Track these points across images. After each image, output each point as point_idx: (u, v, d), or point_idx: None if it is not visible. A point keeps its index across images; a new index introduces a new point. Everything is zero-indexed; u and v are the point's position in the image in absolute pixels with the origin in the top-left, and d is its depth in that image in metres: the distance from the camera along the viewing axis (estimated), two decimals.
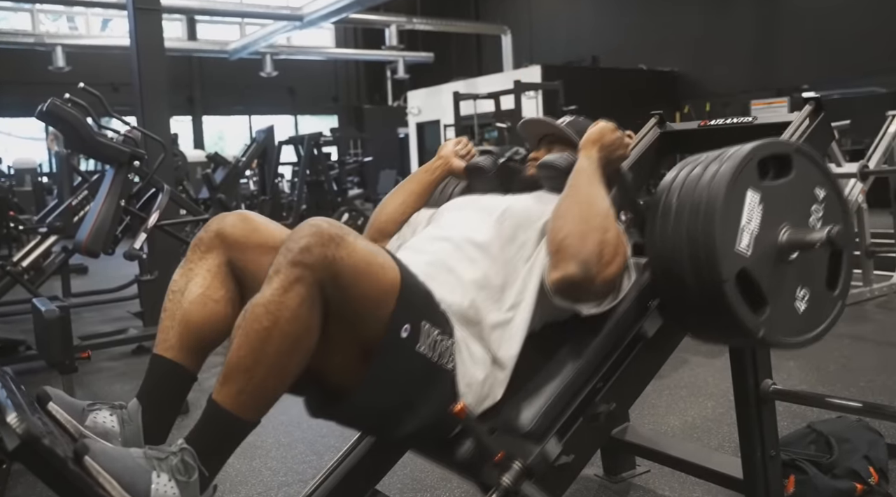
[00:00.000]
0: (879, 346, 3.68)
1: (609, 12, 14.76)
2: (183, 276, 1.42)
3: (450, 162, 1.88)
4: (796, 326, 1.40)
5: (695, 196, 1.34)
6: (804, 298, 1.40)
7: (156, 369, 1.39)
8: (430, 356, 1.31)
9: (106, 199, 3.71)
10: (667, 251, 1.38)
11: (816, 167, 1.44)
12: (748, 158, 1.34)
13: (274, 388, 1.20)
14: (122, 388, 3.51)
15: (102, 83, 10.05)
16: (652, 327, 1.47)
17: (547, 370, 1.43)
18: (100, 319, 5.13)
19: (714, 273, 1.29)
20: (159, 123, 4.57)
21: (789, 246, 1.36)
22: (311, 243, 1.16)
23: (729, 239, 1.30)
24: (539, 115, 1.88)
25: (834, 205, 1.45)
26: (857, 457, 2.11)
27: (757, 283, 1.33)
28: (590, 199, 1.43)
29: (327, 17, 12.35)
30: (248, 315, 1.17)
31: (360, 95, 19.95)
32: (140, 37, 4.68)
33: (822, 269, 1.44)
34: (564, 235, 1.38)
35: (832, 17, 11.11)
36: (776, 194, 1.37)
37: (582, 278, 1.35)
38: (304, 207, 8.85)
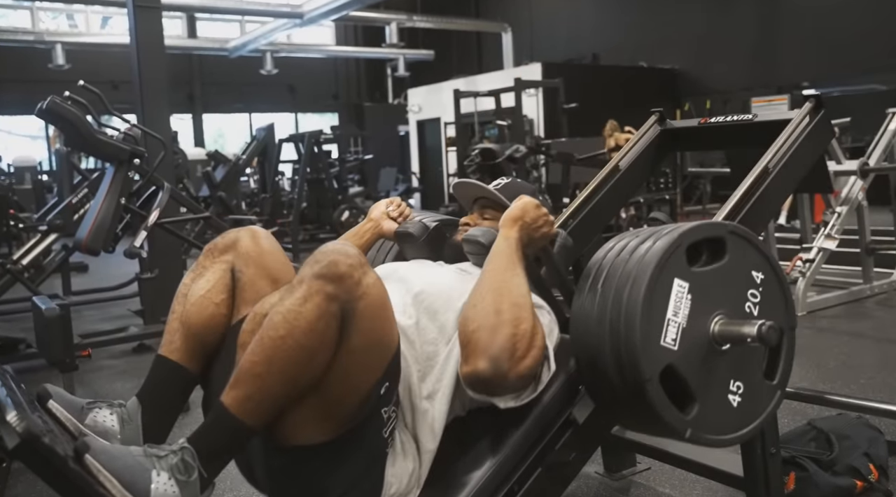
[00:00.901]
0: (879, 344, 3.68)
1: (609, 10, 14.75)
2: (191, 279, 1.45)
3: (380, 225, 1.84)
4: (728, 422, 1.31)
5: (619, 282, 1.26)
6: (738, 391, 1.31)
7: (158, 370, 1.40)
8: (384, 428, 1.27)
9: (106, 197, 3.70)
10: (590, 341, 1.30)
11: (754, 248, 1.36)
12: (675, 245, 1.26)
13: (281, 397, 1.19)
14: (122, 387, 3.51)
15: (102, 81, 10.03)
16: (582, 413, 1.39)
17: (468, 463, 1.35)
18: (100, 317, 5.13)
19: (636, 372, 1.21)
20: (159, 121, 4.57)
21: (721, 338, 1.28)
22: (339, 260, 1.16)
23: (653, 333, 1.22)
24: (471, 180, 1.80)
25: (774, 288, 1.37)
26: (858, 454, 2.11)
27: (684, 379, 1.25)
28: (503, 287, 1.33)
29: (327, 14, 12.33)
30: (266, 322, 1.18)
31: (360, 93, 19.94)
32: (140, 34, 4.67)
33: (759, 358, 1.36)
34: (474, 328, 1.29)
35: (833, 15, 11.09)
36: (708, 281, 1.29)
37: (492, 375, 1.26)
38: (305, 205, 8.85)
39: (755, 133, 1.99)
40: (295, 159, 10.04)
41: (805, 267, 4.42)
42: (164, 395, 1.40)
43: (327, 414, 1.22)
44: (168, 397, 1.41)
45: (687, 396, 1.26)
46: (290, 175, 11.75)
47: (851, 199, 4.47)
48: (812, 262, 4.43)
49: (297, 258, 7.98)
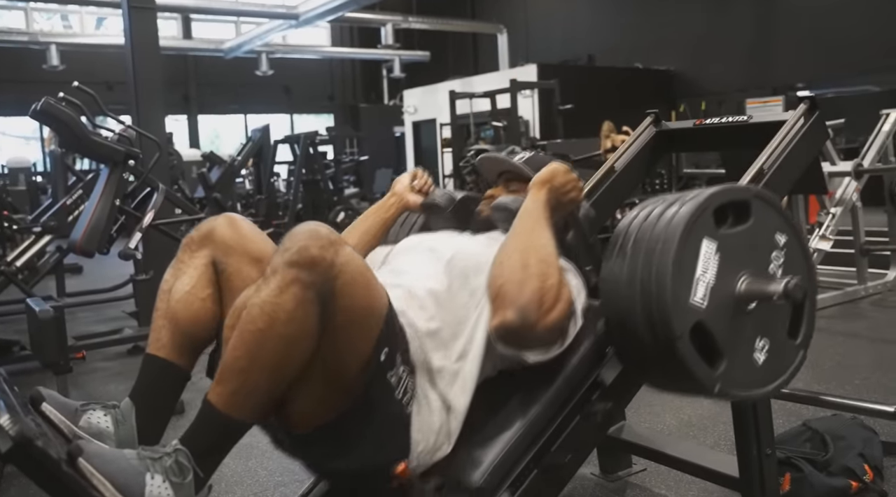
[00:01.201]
0: (873, 344, 3.69)
1: (605, 11, 14.77)
2: (173, 275, 1.43)
3: (404, 198, 1.83)
4: (755, 379, 1.35)
5: (648, 245, 1.30)
6: (763, 349, 1.35)
7: (149, 369, 1.39)
8: (396, 391, 1.28)
9: (101, 198, 3.69)
10: (620, 302, 1.33)
11: (776, 212, 1.40)
12: (703, 207, 1.30)
13: (269, 390, 1.19)
14: (116, 389, 3.50)
15: (97, 82, 10.00)
16: (610, 375, 1.42)
17: (499, 421, 1.38)
18: (95, 319, 5.12)
19: (667, 329, 1.24)
20: (154, 122, 4.56)
21: (747, 296, 1.32)
22: (309, 245, 1.15)
23: (683, 292, 1.26)
24: (496, 154, 1.82)
25: (795, 251, 1.41)
26: (853, 454, 2.11)
27: (712, 336, 1.28)
28: (531, 244, 1.37)
29: (323, 15, 12.35)
30: (244, 315, 1.17)
31: (356, 94, 19.93)
32: (135, 35, 4.66)
33: (783, 317, 1.40)
34: (503, 282, 1.33)
35: (827, 17, 11.13)
36: (734, 242, 1.33)
37: (520, 325, 1.29)
38: (300, 207, 8.83)
39: (750, 134, 1.99)
40: (290, 160, 10.02)
41: None
42: (156, 394, 1.39)
43: (330, 392, 1.23)
44: (161, 396, 1.40)
45: (715, 353, 1.29)
46: (285, 176, 11.73)
47: (846, 200, 4.48)
48: None
49: None
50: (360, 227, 1.81)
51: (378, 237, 1.80)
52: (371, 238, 1.78)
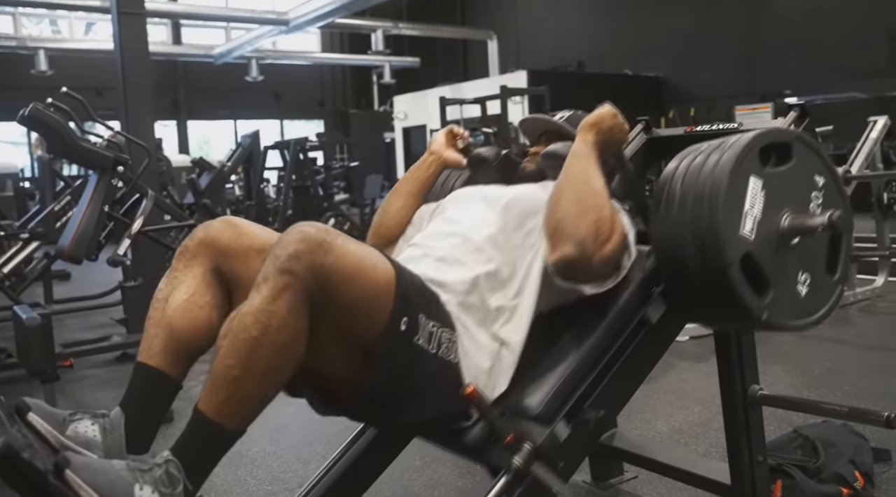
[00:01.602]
0: (862, 350, 3.71)
1: (594, 18, 14.83)
2: (168, 284, 1.41)
3: (442, 156, 1.86)
4: (798, 310, 1.43)
5: (698, 183, 1.37)
6: (805, 283, 1.43)
7: (139, 377, 1.38)
8: (429, 348, 1.32)
9: (89, 204, 3.67)
10: (671, 237, 1.40)
11: (816, 155, 1.47)
12: (750, 146, 1.37)
13: (261, 397, 1.19)
14: (105, 396, 3.47)
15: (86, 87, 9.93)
16: (655, 313, 1.48)
17: (554, 354, 1.45)
18: (83, 326, 5.08)
19: (719, 257, 1.31)
20: (144, 128, 4.53)
21: (791, 231, 1.39)
22: (299, 250, 1.15)
23: (733, 223, 1.33)
24: (538, 114, 1.90)
25: (833, 192, 1.47)
26: (843, 461, 2.12)
27: (760, 266, 1.35)
28: (584, 180, 1.44)
29: (313, 21, 12.33)
30: (236, 324, 1.16)
31: (346, 100, 19.92)
32: (124, 41, 4.64)
33: (822, 254, 1.47)
34: (560, 217, 1.39)
35: (815, 25, 11.21)
36: (777, 181, 1.40)
37: (579, 258, 1.36)
38: (290, 213, 8.81)
39: None
40: (280, 166, 10.00)
41: None
42: (146, 404, 1.37)
43: (359, 368, 1.26)
44: (151, 405, 1.38)
45: (762, 283, 1.35)
46: (275, 182, 11.70)
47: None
48: None
49: None
50: (402, 189, 1.86)
51: (420, 196, 1.85)
52: (414, 198, 1.84)
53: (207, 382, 1.18)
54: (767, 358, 3.35)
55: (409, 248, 1.62)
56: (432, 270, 1.45)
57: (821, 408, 1.85)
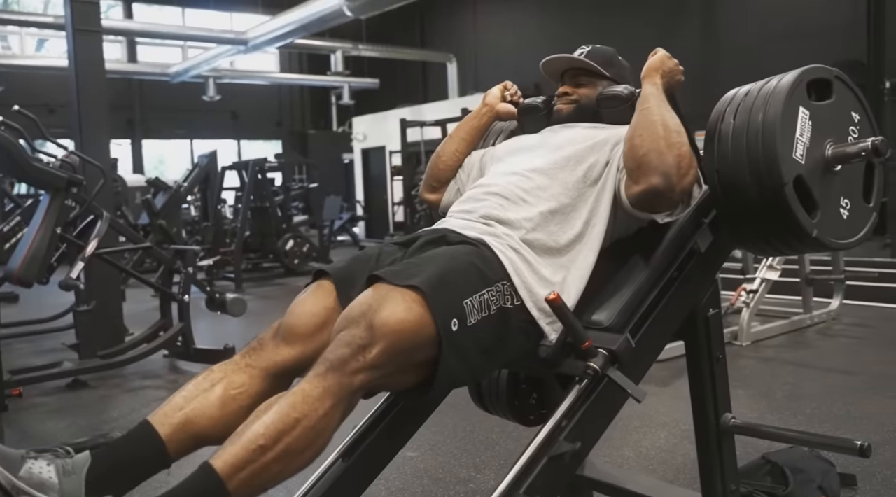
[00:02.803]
0: (822, 373, 3.75)
1: (553, 41, 14.90)
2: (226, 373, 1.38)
3: (495, 108, 1.96)
4: (842, 231, 1.52)
5: (752, 116, 1.45)
6: (847, 207, 1.53)
7: (137, 434, 1.30)
8: (486, 314, 1.36)
9: (41, 225, 3.57)
10: (727, 164, 1.47)
11: (852, 93, 1.58)
12: (799, 80, 1.47)
13: (275, 474, 1.16)
14: (55, 426, 3.33)
15: (37, 104, 9.73)
16: (704, 242, 1.58)
17: (617, 278, 1.54)
18: (32, 351, 4.90)
19: (775, 177, 1.40)
20: (99, 147, 4.42)
21: (834, 158, 1.48)
22: (346, 356, 1.20)
23: (787, 147, 1.42)
24: (558, 54, 1.99)
25: (867, 127, 1.58)
26: (812, 487, 2.11)
27: (809, 189, 1.44)
28: (663, 119, 1.51)
29: (272, 41, 12.26)
30: (283, 401, 1.18)
31: (304, 120, 19.83)
32: (80, 59, 4.53)
33: (859, 182, 1.57)
34: (646, 151, 1.47)
35: (767, 54, 11.53)
36: (821, 113, 1.49)
37: (665, 188, 1.45)
38: (248, 234, 8.69)
39: None
40: (237, 187, 9.88)
41: (749, 297, 4.51)
42: (126, 460, 1.27)
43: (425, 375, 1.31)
44: (131, 465, 1.27)
45: (811, 204, 1.45)
46: (231, 203, 11.54)
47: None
48: (755, 292, 4.53)
49: (240, 288, 7.81)
50: (457, 135, 1.96)
51: (473, 143, 1.95)
52: (467, 144, 1.94)
53: (230, 442, 1.14)
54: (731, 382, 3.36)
55: (474, 188, 1.68)
56: (496, 209, 1.54)
57: (794, 438, 1.85)
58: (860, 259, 7.10)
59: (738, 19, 12.33)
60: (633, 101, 1.67)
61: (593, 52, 1.93)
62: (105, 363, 4.04)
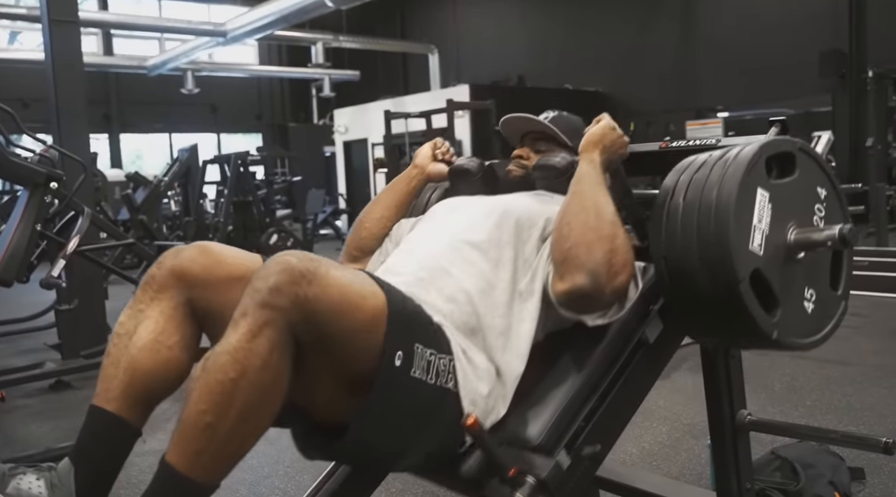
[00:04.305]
0: (819, 364, 3.73)
1: (534, 33, 14.96)
2: (131, 319, 1.27)
3: (426, 169, 1.80)
4: (806, 327, 1.38)
5: (703, 196, 1.30)
6: (812, 299, 1.38)
7: (95, 424, 1.23)
8: (427, 379, 1.20)
9: (20, 222, 3.44)
10: (676, 252, 1.33)
11: (818, 166, 1.43)
12: (758, 156, 1.31)
13: (238, 448, 1.06)
14: (39, 429, 3.22)
15: (11, 99, 9.48)
16: (653, 333, 1.42)
17: (552, 379, 1.37)
18: (11, 351, 4.77)
19: (729, 273, 1.25)
20: (78, 141, 4.30)
21: (797, 245, 1.34)
22: (280, 282, 1.03)
23: (743, 238, 1.27)
24: (522, 113, 1.77)
25: (835, 204, 1.44)
26: (823, 483, 2.08)
27: (769, 283, 1.30)
28: (596, 206, 1.34)
29: (252, 33, 12.08)
30: (210, 364, 1.03)
31: (284, 113, 19.63)
32: (56, 50, 4.39)
33: (825, 268, 1.43)
34: (571, 245, 1.30)
35: (745, 44, 11.57)
36: (782, 193, 1.35)
37: (591, 290, 1.28)
38: (231, 228, 8.56)
39: None
40: (218, 181, 9.73)
41: None
42: (101, 453, 1.23)
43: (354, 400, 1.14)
44: (106, 455, 1.24)
45: (771, 300, 1.30)
46: (212, 197, 11.38)
47: None
48: None
49: None
50: (383, 199, 1.77)
51: (402, 209, 1.77)
52: (395, 210, 1.76)
53: (176, 431, 1.04)
54: None
55: (394, 258, 1.51)
56: (419, 287, 1.33)
57: (814, 435, 1.81)
58: None
59: (717, 11, 12.33)
60: (570, 174, 1.46)
61: (559, 118, 1.75)
62: (89, 363, 3.92)
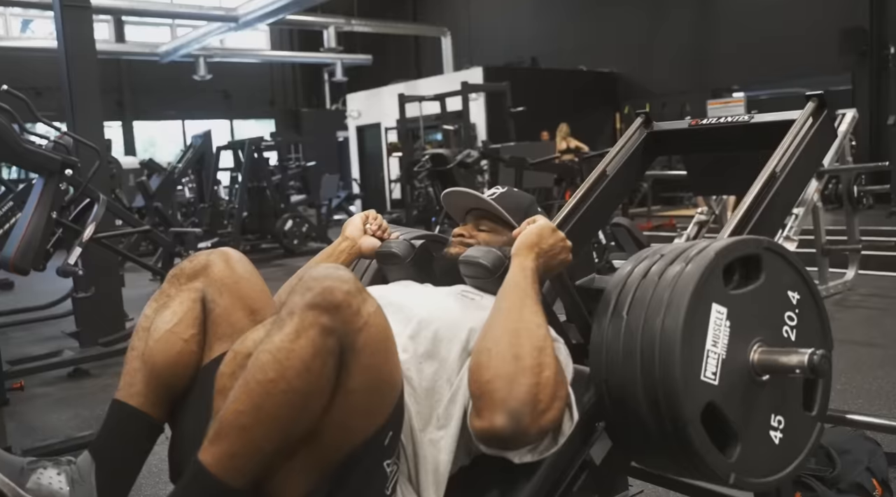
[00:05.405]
0: (845, 345, 3.65)
1: (548, 14, 14.80)
2: (154, 310, 1.26)
3: (357, 244, 1.63)
4: (772, 461, 1.19)
5: (649, 311, 1.13)
6: (780, 427, 1.19)
7: (116, 418, 1.20)
8: (387, 483, 1.09)
9: (35, 211, 3.42)
10: (616, 375, 1.16)
11: (789, 266, 1.25)
12: (713, 265, 1.14)
13: (270, 454, 1.00)
14: (58, 418, 3.21)
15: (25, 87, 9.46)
16: (600, 453, 1.24)
17: None
18: (30, 340, 4.77)
19: (675, 411, 1.08)
20: (92, 128, 4.26)
21: (762, 368, 1.16)
22: (334, 287, 0.99)
23: (693, 368, 1.09)
24: (465, 189, 1.61)
25: (810, 310, 1.26)
26: (860, 469, 2.02)
27: (725, 417, 1.13)
28: (521, 328, 1.14)
29: (264, 17, 12.02)
30: (252, 362, 0.99)
31: (297, 99, 19.58)
32: (68, 36, 4.35)
33: (797, 387, 1.24)
34: (489, 378, 1.10)
35: (760, 23, 11.40)
36: (745, 304, 1.17)
37: (512, 431, 1.08)
38: (246, 214, 8.54)
39: (750, 136, 1.89)
40: (231, 168, 9.70)
41: None
42: (122, 449, 1.20)
43: (319, 466, 1.04)
44: (128, 451, 1.21)
45: (728, 436, 1.14)
46: (226, 183, 11.36)
47: (807, 201, 4.46)
48: None
49: None
50: None
51: None
52: None
53: (212, 429, 1.00)
54: None
55: None
56: None
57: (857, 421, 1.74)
58: (868, 228, 7.00)
59: None
60: (501, 274, 1.28)
61: (506, 195, 1.59)
62: (107, 351, 3.92)
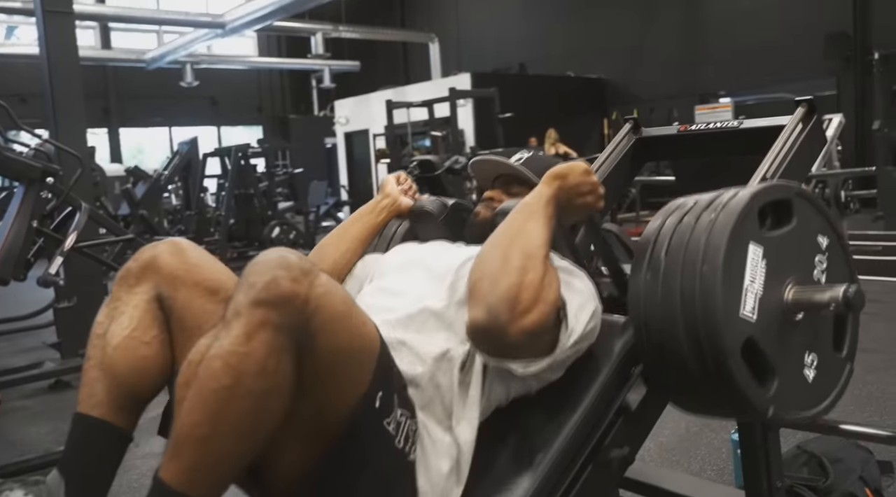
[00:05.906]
0: None
1: (535, 20, 14.82)
2: (107, 316, 1.19)
3: (397, 201, 1.65)
4: (807, 398, 1.22)
5: (688, 252, 1.14)
6: (813, 365, 1.22)
7: (81, 431, 1.15)
8: (396, 440, 1.09)
9: (16, 219, 3.36)
10: (656, 317, 1.17)
11: (819, 212, 1.27)
12: (749, 207, 1.15)
13: (236, 461, 0.97)
14: (38, 432, 3.15)
15: (9, 94, 9.43)
16: (635, 398, 1.24)
17: (519, 455, 1.21)
18: (10, 351, 4.70)
19: (716, 346, 1.09)
20: (75, 136, 4.20)
21: (796, 306, 1.17)
22: (279, 277, 0.94)
23: (733, 304, 1.11)
24: (492, 156, 1.63)
25: (838, 254, 1.28)
26: (853, 478, 2.00)
27: (763, 352, 1.14)
28: (518, 235, 1.16)
29: (250, 24, 11.95)
30: (202, 371, 0.94)
31: (284, 105, 19.53)
32: (51, 42, 4.30)
33: (827, 327, 1.26)
34: (479, 276, 1.13)
35: (746, 29, 11.46)
36: (778, 246, 1.19)
37: (488, 326, 1.08)
38: (233, 221, 8.48)
39: (739, 141, 1.87)
40: (218, 174, 9.65)
41: None
42: (90, 463, 1.15)
43: (316, 447, 1.03)
44: (97, 464, 1.16)
45: (766, 372, 1.15)
46: (213, 191, 11.29)
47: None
48: None
49: None
50: (350, 232, 1.63)
51: (367, 243, 1.63)
52: (360, 244, 1.62)
53: (170, 444, 0.96)
54: None
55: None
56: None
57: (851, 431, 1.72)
58: (855, 233, 7.01)
59: None
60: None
61: (533, 159, 1.61)
62: None
